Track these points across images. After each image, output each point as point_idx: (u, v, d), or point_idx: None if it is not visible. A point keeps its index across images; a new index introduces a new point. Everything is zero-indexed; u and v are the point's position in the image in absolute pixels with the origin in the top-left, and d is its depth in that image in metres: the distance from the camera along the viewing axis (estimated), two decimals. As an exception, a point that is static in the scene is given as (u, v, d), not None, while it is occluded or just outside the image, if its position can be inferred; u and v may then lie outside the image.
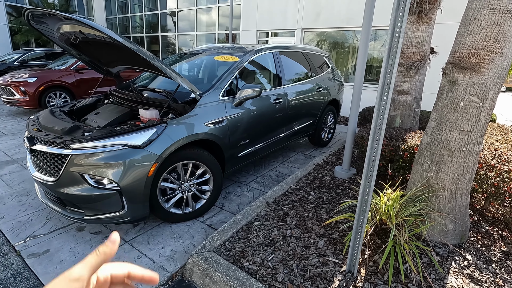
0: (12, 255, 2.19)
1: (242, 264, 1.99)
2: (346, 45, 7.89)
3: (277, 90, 3.55)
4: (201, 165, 2.60)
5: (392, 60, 1.42)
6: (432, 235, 2.16)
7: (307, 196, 2.94)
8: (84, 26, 2.10)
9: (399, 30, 1.37)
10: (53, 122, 2.40)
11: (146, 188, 2.22)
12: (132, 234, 2.47)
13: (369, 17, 2.87)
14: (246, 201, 3.09)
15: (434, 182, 2.13)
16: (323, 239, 2.25)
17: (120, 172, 2.10)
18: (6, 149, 4.43)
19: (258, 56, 3.39)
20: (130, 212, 2.20)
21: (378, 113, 1.52)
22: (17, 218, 2.65)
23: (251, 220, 2.51)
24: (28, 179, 3.45)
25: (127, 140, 2.13)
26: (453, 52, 1.99)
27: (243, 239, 2.26)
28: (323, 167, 3.74)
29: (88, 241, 2.37)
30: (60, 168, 2.15)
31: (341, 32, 7.83)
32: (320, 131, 4.68)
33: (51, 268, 2.06)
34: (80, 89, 7.10)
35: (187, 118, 2.48)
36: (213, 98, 2.75)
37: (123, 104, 2.95)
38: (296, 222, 2.48)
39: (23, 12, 2.31)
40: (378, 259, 2.00)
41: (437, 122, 2.09)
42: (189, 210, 2.64)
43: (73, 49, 2.96)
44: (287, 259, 2.04)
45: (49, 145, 2.18)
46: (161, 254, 2.23)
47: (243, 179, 3.63)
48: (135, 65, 2.89)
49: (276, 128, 3.57)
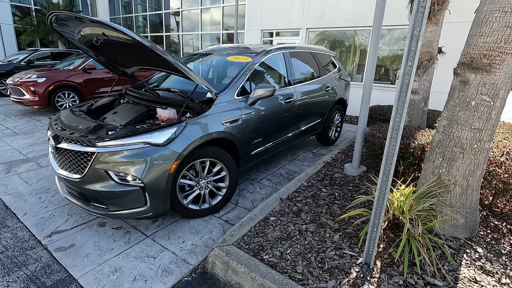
0: (39, 249, 2.28)
1: (262, 257, 2.08)
2: (351, 45, 7.95)
3: (287, 89, 3.63)
4: (218, 163, 2.68)
5: (411, 62, 1.50)
6: (444, 229, 2.24)
7: (319, 193, 3.03)
8: (109, 29, 2.18)
9: (418, 34, 1.45)
10: (77, 121, 2.48)
11: (168, 185, 2.30)
12: (152, 229, 2.56)
13: (380, 17, 2.95)
14: (259, 198, 3.17)
15: (446, 178, 2.21)
16: (338, 233, 2.33)
17: (144, 169, 2.18)
18: (20, 148, 4.53)
19: (270, 57, 3.47)
20: (152, 208, 2.29)
21: (396, 111, 1.61)
22: (39, 214, 2.75)
23: (267, 216, 2.60)
24: (45, 177, 3.55)
25: (150, 138, 2.22)
26: (464, 53, 2.07)
27: (261, 234, 2.35)
28: (333, 165, 3.82)
29: (111, 236, 2.46)
30: (86, 166, 2.23)
31: (345, 32, 7.89)
32: (327, 129, 4.76)
33: (78, 261, 2.15)
34: (88, 89, 7.19)
35: (205, 117, 2.56)
36: (229, 97, 2.83)
37: (139, 104, 3.03)
38: (310, 218, 2.56)
39: (48, 15, 2.40)
40: (392, 252, 2.09)
41: (449, 121, 2.17)
42: (206, 206, 2.72)
43: (91, 50, 3.04)
44: (304, 252, 2.12)
45: (75, 143, 2.26)
46: (182, 248, 2.32)
47: (254, 176, 3.72)
48: (152, 66, 2.97)
49: (286, 126, 3.65)
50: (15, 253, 2.22)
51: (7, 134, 5.26)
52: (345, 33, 7.92)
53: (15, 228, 2.54)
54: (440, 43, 3.49)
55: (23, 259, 2.16)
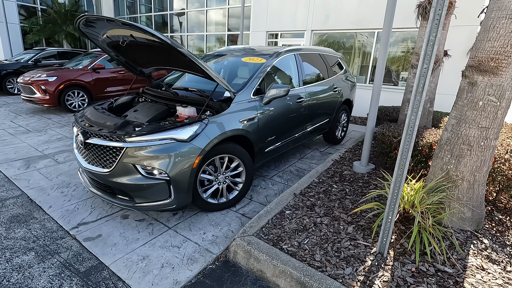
0: (69, 239, 2.41)
1: (281, 247, 2.21)
2: (354, 47, 8.10)
3: (298, 90, 3.77)
4: (235, 159, 2.82)
5: (427, 65, 1.64)
6: (451, 222, 2.38)
7: (331, 189, 3.16)
8: (139, 32, 2.31)
9: (433, 39, 1.59)
10: (104, 118, 2.61)
11: (191, 178, 2.44)
12: (173, 221, 2.69)
13: (390, 19, 3.09)
14: (272, 194, 3.30)
15: (454, 174, 2.35)
16: (351, 225, 2.46)
17: (169, 163, 2.31)
18: (36, 145, 4.65)
19: (282, 58, 3.60)
20: (176, 200, 2.42)
21: (412, 110, 1.74)
22: (64, 207, 2.87)
23: (282, 209, 2.73)
24: (64, 173, 3.67)
25: (175, 134, 2.35)
26: (472, 57, 2.21)
27: (278, 226, 2.48)
28: (341, 162, 3.96)
29: (135, 227, 2.59)
30: (114, 160, 2.36)
31: (349, 34, 8.05)
32: (334, 129, 4.90)
33: (107, 250, 2.28)
34: (97, 88, 7.33)
35: (224, 115, 2.70)
36: (246, 96, 2.97)
37: (157, 102, 3.16)
38: (324, 211, 2.70)
39: (77, 19, 2.53)
40: (404, 242, 2.22)
41: (457, 120, 2.31)
42: (223, 200, 2.85)
43: (112, 51, 3.17)
44: (321, 243, 2.26)
45: (104, 138, 2.39)
46: (204, 239, 2.45)
47: (266, 173, 3.85)
48: (173, 66, 3.10)
49: (297, 125, 3.79)
50: (47, 242, 2.35)
51: (21, 131, 5.39)
52: (349, 35, 8.08)
53: (43, 219, 2.67)
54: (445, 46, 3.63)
55: (54, 248, 2.29)
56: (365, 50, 7.91)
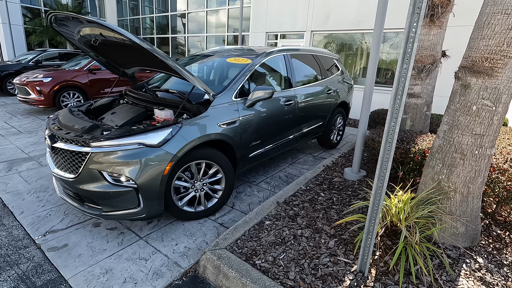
0: (32, 248, 2.28)
1: (254, 262, 2.04)
2: (355, 48, 7.89)
3: (287, 92, 3.60)
4: (214, 165, 2.66)
5: (407, 65, 1.46)
6: (443, 238, 2.17)
7: (317, 197, 2.98)
8: (105, 29, 2.18)
9: (413, 35, 1.41)
10: (73, 121, 2.49)
11: (162, 186, 2.28)
12: (146, 230, 2.54)
13: (381, 20, 2.90)
14: (256, 201, 3.13)
15: (446, 185, 2.14)
16: (333, 239, 2.28)
17: (137, 170, 2.17)
18: (23, 147, 4.58)
19: (270, 59, 3.44)
20: (145, 209, 2.27)
21: (391, 115, 1.56)
22: (36, 213, 2.75)
23: (262, 220, 2.56)
24: (45, 176, 3.57)
25: (144, 139, 2.20)
26: (466, 56, 2.01)
27: (255, 238, 2.31)
28: (333, 168, 3.77)
29: (105, 237, 2.45)
30: (80, 166, 2.23)
31: (350, 35, 7.83)
32: (329, 133, 4.70)
33: (70, 262, 2.14)
34: (93, 89, 7.27)
35: (201, 119, 2.54)
36: (226, 99, 2.81)
37: (138, 104, 3.03)
38: (306, 222, 2.52)
39: (47, 15, 2.41)
40: (388, 260, 2.03)
41: (449, 125, 2.11)
42: (201, 208, 2.70)
43: (91, 51, 3.06)
44: (298, 258, 2.08)
45: (70, 143, 2.26)
46: (175, 251, 2.29)
47: (253, 179, 3.68)
48: (150, 67, 2.97)
49: (286, 129, 3.61)
50: (8, 252, 2.22)
51: (12, 132, 5.33)
52: (350, 36, 7.86)
53: (11, 226, 2.55)
54: (444, 46, 3.42)
55: (15, 258, 2.16)
56: (368, 52, 7.68)
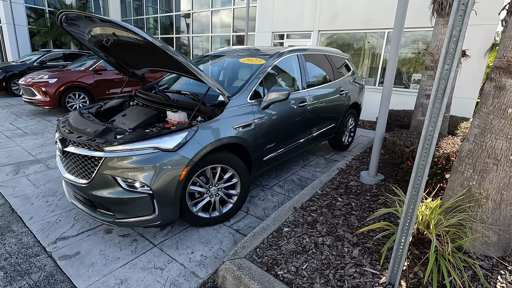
0: (43, 257, 2.19)
1: (276, 272, 1.94)
2: (363, 48, 7.77)
3: (301, 93, 3.50)
4: (229, 169, 2.56)
5: (448, 65, 1.35)
6: (473, 247, 2.07)
7: (335, 202, 2.88)
8: (120, 29, 2.09)
9: (457, 34, 1.31)
10: (85, 124, 2.40)
11: (177, 192, 2.19)
12: (160, 237, 2.45)
13: (401, 19, 2.79)
14: (271, 206, 3.04)
15: (477, 192, 2.03)
16: (357, 247, 2.18)
17: (152, 175, 2.08)
18: (30, 149, 4.50)
19: (284, 59, 3.34)
20: (160, 216, 2.18)
21: (429, 120, 1.46)
22: (45, 219, 2.67)
23: (280, 226, 2.46)
24: (53, 179, 3.49)
25: (159, 143, 2.11)
26: (500, 56, 1.90)
27: (274, 246, 2.21)
28: (348, 172, 3.66)
29: (117, 244, 2.36)
30: (93, 171, 2.14)
31: (357, 35, 7.72)
32: (341, 134, 4.60)
33: (83, 271, 2.06)
34: (98, 89, 7.19)
35: (216, 122, 2.45)
36: (241, 101, 2.71)
37: (149, 106, 2.94)
38: (326, 229, 2.41)
39: (58, 15, 2.33)
40: (418, 271, 1.92)
41: (481, 129, 2.00)
42: (216, 214, 2.60)
43: (101, 51, 2.97)
44: (322, 268, 1.98)
45: (82, 147, 2.17)
46: (191, 259, 2.20)
47: (265, 182, 3.58)
48: (163, 67, 2.87)
49: (300, 131, 3.51)
50: (19, 261, 2.14)
51: (18, 134, 5.27)
52: (357, 36, 7.75)
53: (20, 233, 2.46)
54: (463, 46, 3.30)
55: (26, 267, 2.08)
56: (375, 51, 7.57)
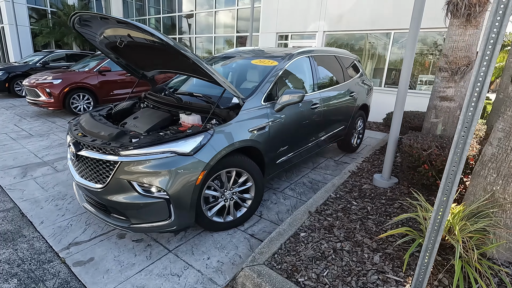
0: (57, 263, 2.15)
1: (297, 280, 1.90)
2: (367, 48, 7.73)
3: (313, 95, 3.45)
4: (244, 173, 2.52)
5: (485, 68, 1.31)
6: (498, 253, 2.02)
7: (350, 206, 2.83)
8: (137, 31, 2.05)
9: (495, 36, 1.26)
10: (98, 127, 2.35)
11: (194, 197, 2.15)
12: (174, 243, 2.41)
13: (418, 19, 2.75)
14: (284, 209, 2.99)
15: (501, 197, 1.99)
16: (377, 253, 2.13)
17: (169, 180, 2.03)
18: (36, 151, 4.46)
19: (296, 60, 3.30)
20: (176, 221, 2.14)
21: (462, 124, 1.41)
22: (56, 223, 2.62)
23: (297, 231, 2.42)
24: (61, 182, 3.44)
25: (176, 147, 2.07)
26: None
27: (292, 252, 2.16)
28: (359, 174, 3.62)
29: (131, 249, 2.31)
30: (108, 175, 2.10)
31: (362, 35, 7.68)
32: (350, 136, 4.56)
33: (98, 278, 2.01)
34: (103, 90, 7.15)
35: (232, 125, 2.40)
36: (256, 103, 2.67)
37: (160, 108, 2.90)
38: (344, 234, 2.37)
39: (71, 16, 2.28)
40: (442, 278, 1.88)
41: (505, 133, 1.96)
42: (230, 218, 2.56)
43: (111, 52, 2.93)
44: (343, 275, 1.93)
45: (97, 151, 2.13)
46: (207, 266, 2.16)
47: (276, 185, 3.54)
48: (177, 69, 2.83)
49: (312, 133, 3.47)
50: (32, 267, 2.09)
51: (23, 136, 5.22)
52: (362, 36, 7.71)
53: (32, 238, 2.42)
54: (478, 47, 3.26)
55: (40, 274, 2.03)
56: (379, 52, 7.53)
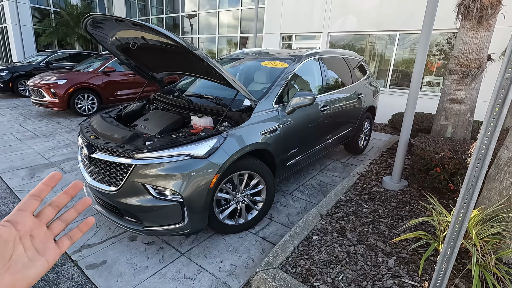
0: (70, 266, 2.14)
1: (312, 284, 1.89)
2: (370, 49, 7.72)
3: (322, 97, 3.44)
4: (256, 175, 2.51)
5: (509, 74, 1.30)
6: (514, 258, 2.01)
7: (361, 209, 2.82)
8: (152, 33, 2.04)
9: (521, 40, 1.25)
10: (110, 130, 2.34)
11: (207, 200, 2.14)
12: (186, 245, 2.40)
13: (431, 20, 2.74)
14: (294, 212, 2.98)
15: (517, 201, 1.98)
16: (392, 257, 2.12)
17: (183, 183, 2.02)
18: (42, 152, 4.45)
19: (306, 62, 3.29)
20: (190, 224, 2.13)
21: (485, 129, 1.40)
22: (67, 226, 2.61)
23: (309, 234, 2.41)
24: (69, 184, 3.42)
25: (190, 150, 2.06)
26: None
27: (306, 255, 2.16)
28: (368, 177, 3.61)
29: (143, 252, 2.31)
30: (122, 178, 2.09)
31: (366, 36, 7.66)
32: (357, 138, 4.55)
33: (112, 281, 2.00)
34: (107, 91, 7.14)
35: (245, 127, 2.39)
36: (267, 105, 2.66)
37: (170, 110, 2.89)
38: (357, 238, 2.36)
39: (84, 18, 2.28)
40: (459, 283, 1.87)
41: (522, 137, 1.95)
42: (241, 221, 2.55)
43: (122, 54, 2.92)
44: (358, 280, 1.92)
45: (111, 154, 2.12)
46: (221, 269, 2.15)
47: (285, 188, 3.53)
48: (188, 71, 2.82)
49: (321, 136, 3.46)
50: (45, 270, 2.08)
51: (28, 136, 5.22)
52: (365, 37, 7.70)
53: (43, 240, 2.41)
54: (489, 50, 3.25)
55: (53, 277, 2.02)
56: (384, 53, 7.52)
